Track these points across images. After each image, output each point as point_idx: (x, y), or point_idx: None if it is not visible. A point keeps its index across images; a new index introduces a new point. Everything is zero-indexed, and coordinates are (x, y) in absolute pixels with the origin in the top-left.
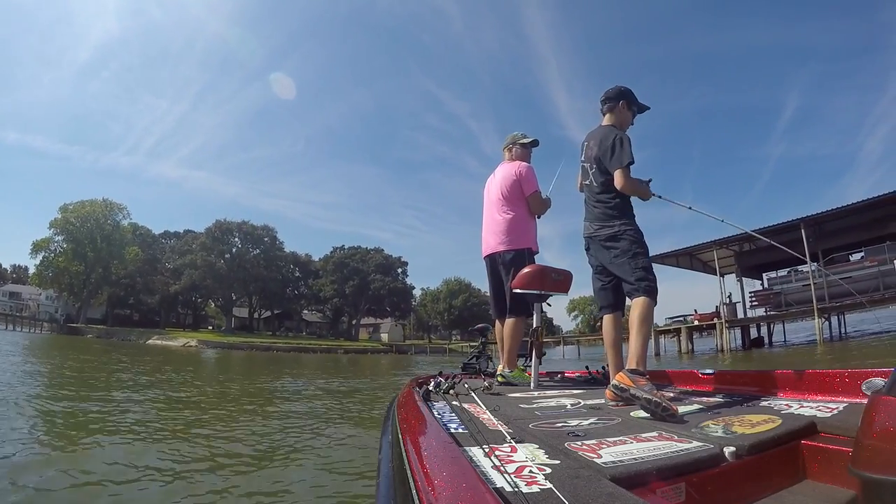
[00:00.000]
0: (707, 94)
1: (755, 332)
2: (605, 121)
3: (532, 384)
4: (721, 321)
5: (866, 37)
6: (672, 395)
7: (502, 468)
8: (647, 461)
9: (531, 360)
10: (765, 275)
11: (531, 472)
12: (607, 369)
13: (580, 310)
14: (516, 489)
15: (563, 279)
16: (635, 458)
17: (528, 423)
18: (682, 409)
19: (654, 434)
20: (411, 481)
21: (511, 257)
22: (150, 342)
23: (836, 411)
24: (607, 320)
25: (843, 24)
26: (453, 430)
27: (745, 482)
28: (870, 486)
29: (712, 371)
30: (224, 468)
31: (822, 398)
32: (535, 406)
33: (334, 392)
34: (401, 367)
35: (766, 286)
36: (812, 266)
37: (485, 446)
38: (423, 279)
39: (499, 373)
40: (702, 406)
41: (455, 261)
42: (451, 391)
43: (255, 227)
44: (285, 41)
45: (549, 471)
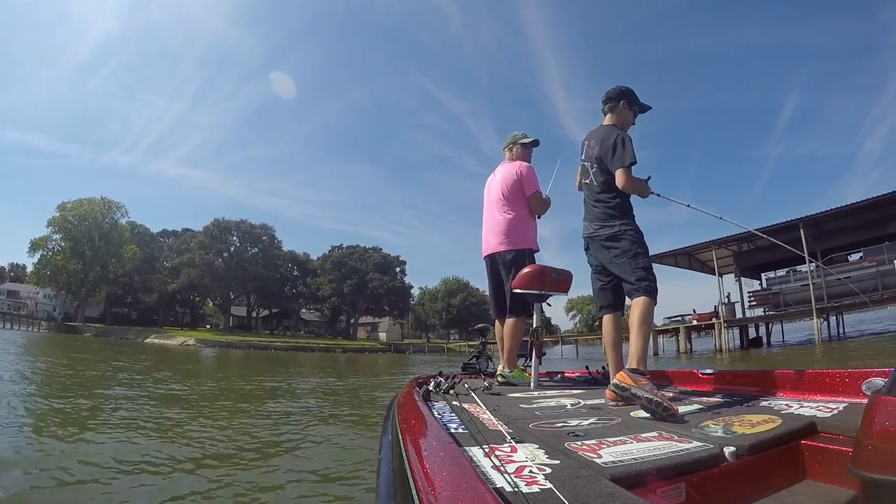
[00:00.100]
0: (706, 93)
1: (753, 332)
2: (607, 120)
3: (532, 384)
4: (720, 321)
5: (866, 37)
6: (672, 394)
7: (502, 468)
8: (647, 461)
9: (531, 360)
10: (763, 275)
11: (531, 472)
12: (607, 369)
13: (578, 309)
14: (516, 489)
15: (563, 279)
16: (635, 458)
17: (528, 423)
18: (682, 409)
19: (654, 434)
20: (411, 481)
21: (512, 257)
22: (148, 341)
23: (836, 411)
24: (607, 320)
25: (842, 24)
26: (453, 430)
27: (745, 482)
28: (870, 486)
29: (712, 371)
30: (214, 467)
31: (822, 398)
32: (535, 406)
33: (332, 392)
34: (399, 367)
35: (765, 286)
36: (811, 265)
37: (485, 446)
38: (421, 278)
39: (499, 373)
40: (702, 406)
41: (453, 260)
42: (451, 391)
43: (254, 226)
44: (284, 40)
45: (549, 471)
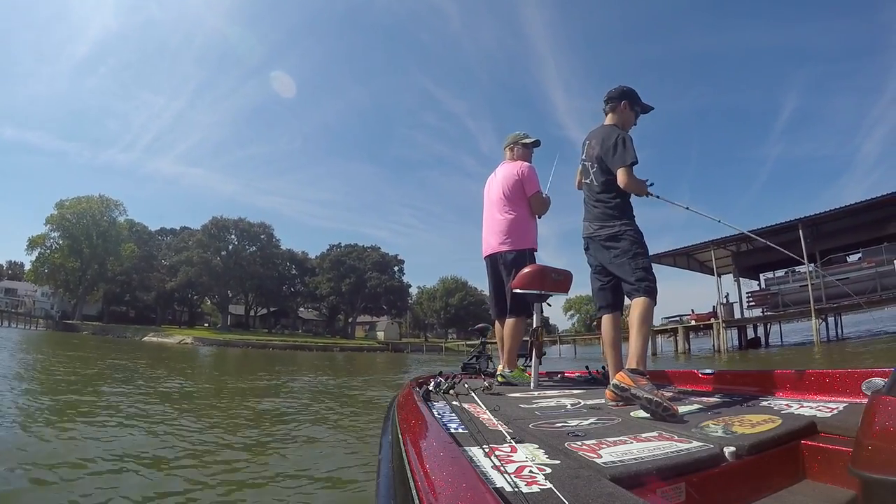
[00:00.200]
0: (705, 94)
1: (752, 333)
2: (608, 120)
3: (532, 384)
4: (718, 321)
5: (865, 38)
6: (672, 394)
7: (502, 468)
8: (647, 461)
9: (531, 360)
10: (762, 275)
11: (531, 472)
12: (607, 369)
13: (576, 309)
14: (516, 489)
15: (563, 279)
16: (635, 458)
17: (528, 423)
18: (682, 409)
19: (654, 434)
20: (411, 481)
21: (513, 257)
22: (146, 339)
23: (836, 411)
24: (606, 320)
25: (841, 25)
26: (453, 430)
27: (745, 482)
28: (870, 486)
29: (712, 371)
30: (199, 466)
31: (822, 398)
32: (535, 406)
33: (328, 392)
34: (397, 366)
35: (764, 287)
36: (809, 266)
37: (485, 446)
38: (419, 278)
39: (499, 373)
40: (702, 406)
41: (452, 259)
42: (451, 391)
43: (252, 225)
44: (283, 38)
45: (549, 471)
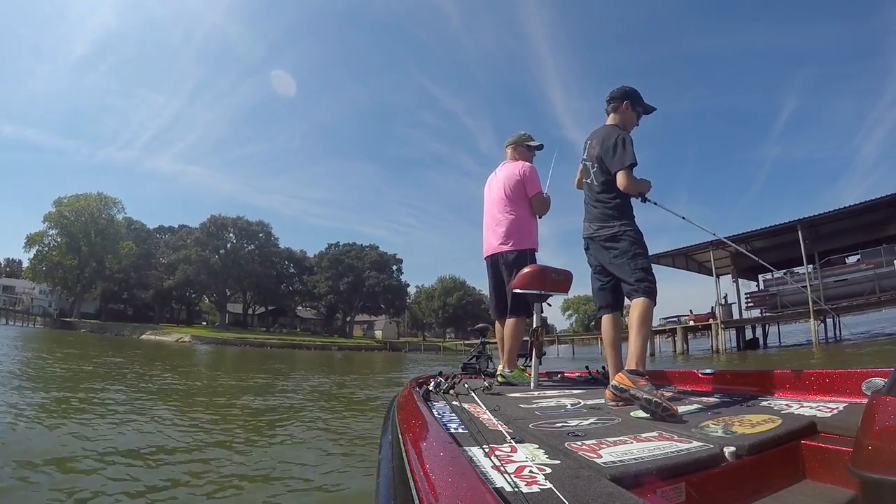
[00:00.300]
0: (704, 95)
1: (750, 334)
2: (609, 120)
3: (532, 384)
4: (716, 322)
5: (865, 41)
6: (672, 395)
7: (502, 468)
8: (647, 461)
9: (531, 360)
10: (760, 276)
11: (531, 472)
12: (607, 369)
13: (574, 309)
14: (516, 489)
15: (563, 279)
16: (635, 458)
17: (528, 423)
18: (682, 409)
19: (654, 434)
20: (411, 481)
21: (514, 258)
22: (144, 337)
23: (836, 411)
24: (606, 320)
25: (841, 27)
26: (453, 430)
27: (745, 482)
28: (870, 486)
29: (712, 371)
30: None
31: (822, 398)
32: (535, 406)
33: (328, 391)
34: (395, 366)
35: (762, 287)
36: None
37: (485, 446)
38: (418, 277)
39: (499, 373)
40: (702, 406)
41: (450, 259)
42: (451, 391)
43: (250, 223)
44: (282, 37)
45: (549, 471)
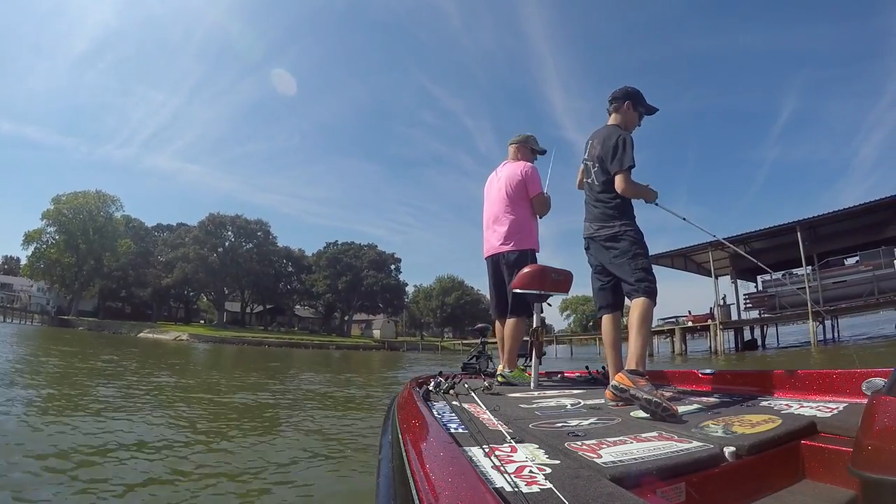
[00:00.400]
0: (703, 95)
1: (748, 335)
2: (611, 120)
3: (532, 384)
4: (715, 323)
5: (864, 43)
6: (672, 395)
7: (502, 468)
8: (647, 461)
9: (531, 360)
10: (759, 277)
11: (531, 472)
12: (607, 369)
13: (573, 309)
14: (516, 489)
15: (563, 279)
16: (635, 458)
17: (528, 423)
18: (682, 409)
19: (654, 434)
20: (411, 481)
21: (515, 258)
22: (142, 335)
23: (836, 411)
24: (606, 320)
25: (841, 29)
26: (453, 430)
27: (745, 482)
28: (870, 486)
29: (712, 371)
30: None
31: (822, 398)
32: (535, 406)
33: (324, 391)
34: (393, 365)
35: (761, 289)
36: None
37: (485, 446)
38: (416, 276)
39: (499, 373)
40: (702, 406)
41: (449, 259)
42: (451, 391)
43: (249, 222)
44: (282, 35)
45: (549, 471)
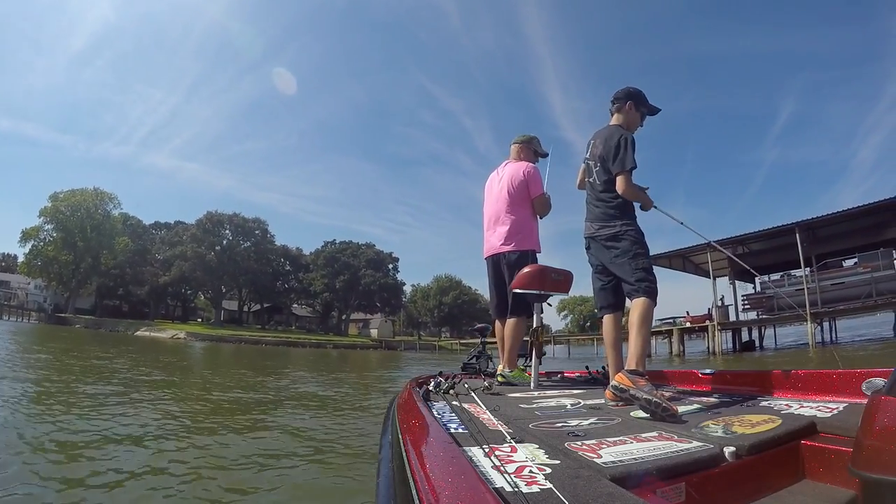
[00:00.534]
0: (702, 96)
1: (746, 336)
2: (613, 121)
3: (532, 384)
4: (713, 323)
5: (863, 45)
6: (672, 395)
7: (502, 468)
8: (647, 461)
9: (531, 360)
10: (757, 278)
11: (531, 472)
12: (607, 369)
13: (570, 309)
14: (516, 489)
15: (563, 279)
16: (635, 458)
17: (528, 423)
18: (681, 409)
19: (654, 434)
20: (411, 481)
21: (516, 258)
22: (139, 333)
23: (836, 411)
24: (607, 320)
25: (840, 31)
26: (453, 430)
27: (745, 482)
28: (870, 486)
29: (712, 371)
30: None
31: (822, 398)
32: (535, 406)
33: (323, 391)
34: (391, 364)
35: (759, 290)
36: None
37: (485, 446)
38: (414, 276)
39: (499, 373)
40: (702, 406)
41: (447, 258)
42: (451, 391)
43: (247, 220)
44: (281, 33)
45: (549, 471)
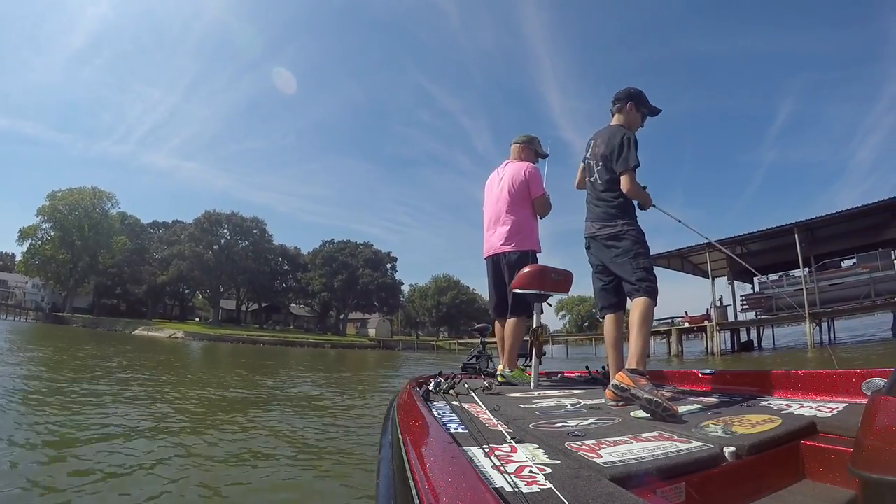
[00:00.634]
0: (700, 97)
1: (745, 336)
2: (614, 121)
3: (532, 384)
4: (711, 324)
5: (862, 46)
6: (672, 395)
7: (502, 468)
8: (647, 461)
9: (531, 360)
10: (756, 279)
11: (531, 472)
12: (607, 369)
13: (568, 310)
14: (516, 489)
15: (563, 279)
16: (635, 458)
17: (528, 423)
18: (682, 409)
19: (654, 434)
20: (411, 481)
21: (517, 258)
22: (136, 333)
23: (836, 411)
24: (608, 320)
25: (839, 32)
26: (453, 430)
27: (745, 482)
28: (870, 486)
29: (712, 371)
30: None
31: (822, 398)
32: (535, 406)
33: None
34: (389, 364)
35: (758, 290)
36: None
37: (485, 446)
38: (412, 275)
39: (499, 373)
40: (702, 406)
41: (445, 258)
42: (451, 391)
43: (245, 219)
44: (280, 32)
45: (549, 471)
